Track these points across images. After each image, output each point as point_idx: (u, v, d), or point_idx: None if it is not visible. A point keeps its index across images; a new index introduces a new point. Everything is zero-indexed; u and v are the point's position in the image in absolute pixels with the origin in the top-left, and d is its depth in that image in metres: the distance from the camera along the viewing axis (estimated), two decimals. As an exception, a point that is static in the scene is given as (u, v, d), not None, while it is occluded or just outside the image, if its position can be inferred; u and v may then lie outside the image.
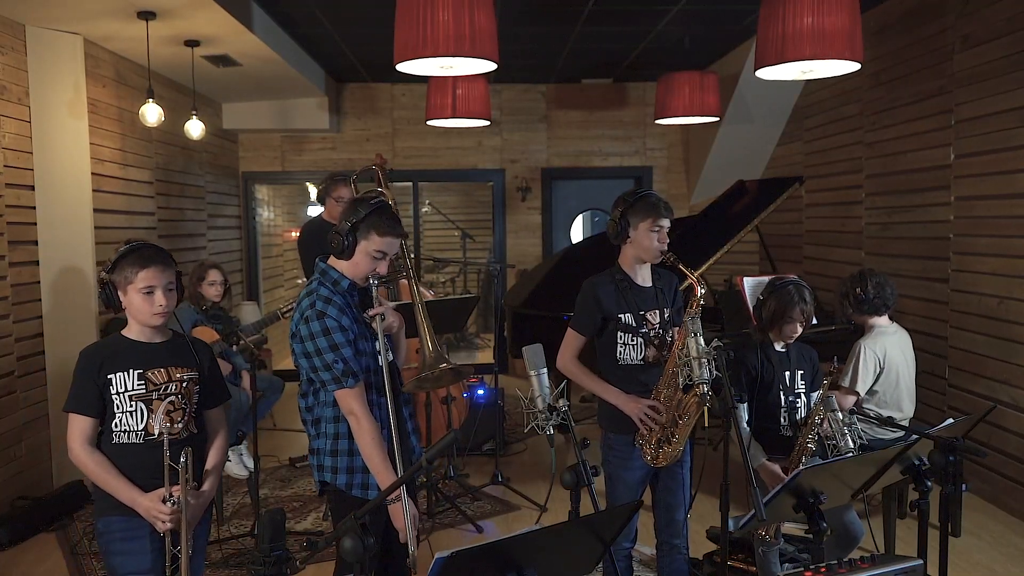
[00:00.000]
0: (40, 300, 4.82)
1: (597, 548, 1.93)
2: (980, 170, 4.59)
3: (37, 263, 4.82)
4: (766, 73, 3.90)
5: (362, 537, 1.75)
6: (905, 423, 3.86)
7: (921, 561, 1.95)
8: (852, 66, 3.77)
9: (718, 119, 6.35)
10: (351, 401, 2.42)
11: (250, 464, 4.83)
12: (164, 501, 2.31)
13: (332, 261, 2.53)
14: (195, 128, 5.83)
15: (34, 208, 4.80)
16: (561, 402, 2.42)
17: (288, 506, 4.70)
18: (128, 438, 2.36)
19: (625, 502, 2.82)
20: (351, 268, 2.50)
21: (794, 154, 7.13)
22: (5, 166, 4.50)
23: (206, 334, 4.79)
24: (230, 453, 5.11)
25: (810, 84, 6.70)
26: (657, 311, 2.93)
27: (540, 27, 6.07)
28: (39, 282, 4.82)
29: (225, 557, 3.97)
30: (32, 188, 4.78)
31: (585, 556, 1.92)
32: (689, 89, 5.96)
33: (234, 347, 4.67)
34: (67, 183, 4.91)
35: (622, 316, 2.89)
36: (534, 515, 4.53)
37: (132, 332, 2.43)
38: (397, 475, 2.41)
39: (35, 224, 4.80)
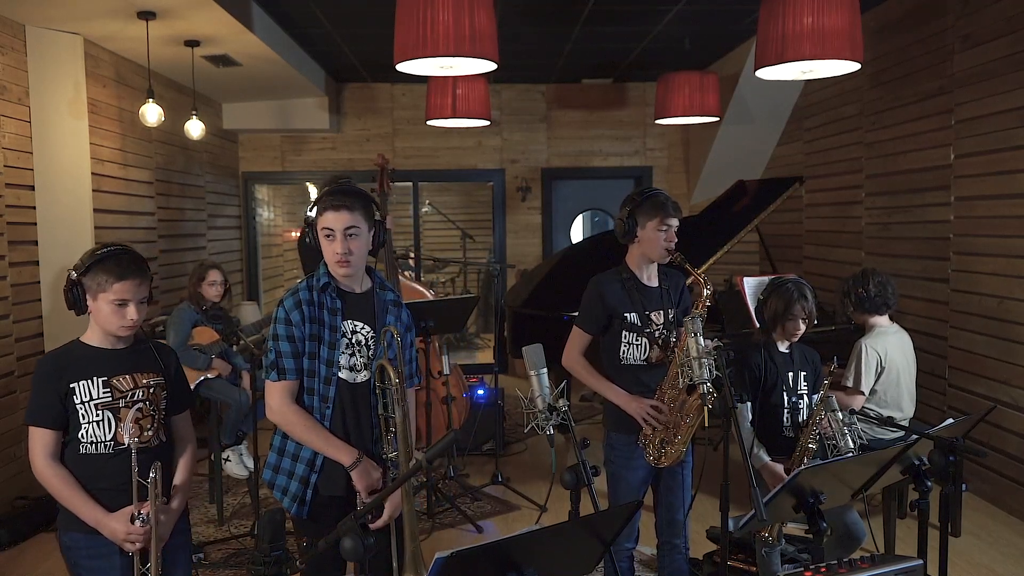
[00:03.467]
0: (40, 300, 4.82)
1: (597, 548, 1.92)
2: (980, 170, 4.59)
3: (37, 263, 4.82)
4: (766, 73, 3.90)
5: (362, 537, 1.75)
6: (905, 423, 3.86)
7: (921, 561, 1.96)
8: (852, 66, 3.77)
9: (718, 119, 6.35)
10: (270, 394, 2.42)
11: (250, 464, 4.83)
12: (133, 520, 2.18)
13: None
14: (195, 128, 5.83)
15: (34, 208, 4.80)
16: (561, 402, 2.42)
17: (288, 506, 4.70)
18: (96, 449, 2.23)
19: (627, 502, 2.82)
20: (327, 261, 2.45)
21: (794, 154, 7.13)
22: (5, 166, 4.50)
23: (206, 334, 4.79)
24: (230, 453, 5.11)
25: (810, 84, 6.69)
26: (662, 311, 2.93)
27: (540, 27, 6.06)
28: (39, 282, 4.82)
29: (225, 557, 3.97)
30: (32, 188, 4.78)
31: (585, 556, 1.92)
32: (689, 89, 5.96)
33: (234, 347, 4.67)
34: (67, 183, 4.91)
35: (627, 315, 2.88)
36: (534, 515, 4.53)
37: (93, 338, 2.30)
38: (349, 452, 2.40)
39: (35, 224, 4.80)
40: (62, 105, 4.88)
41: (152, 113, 4.99)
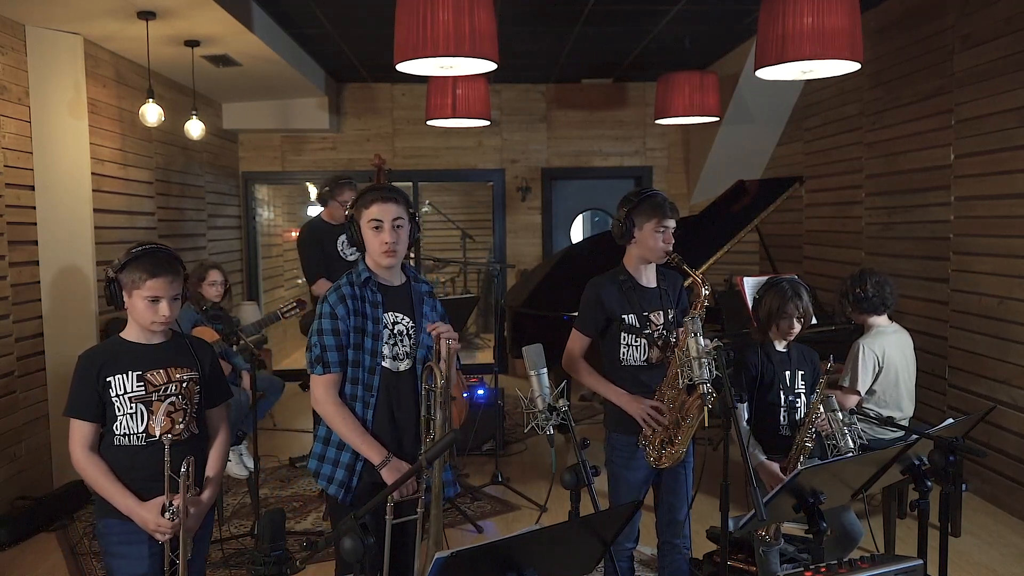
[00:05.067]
0: (40, 300, 4.82)
1: (597, 548, 1.92)
2: (980, 170, 4.59)
3: (37, 263, 4.82)
4: (766, 73, 3.90)
5: (362, 537, 1.75)
6: (905, 423, 3.86)
7: (921, 561, 1.95)
8: (852, 66, 3.77)
9: (718, 119, 6.35)
10: (315, 388, 2.52)
11: (250, 464, 4.84)
12: (163, 512, 2.29)
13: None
14: (195, 128, 5.83)
15: (34, 208, 4.79)
16: (561, 402, 2.42)
17: (288, 506, 4.70)
18: (130, 440, 2.35)
19: (627, 502, 2.82)
20: (369, 257, 2.56)
21: (794, 154, 7.13)
22: (5, 166, 4.50)
23: (206, 334, 4.78)
24: (230, 453, 5.11)
25: (810, 84, 6.69)
26: (661, 312, 2.93)
27: (540, 27, 6.06)
28: (39, 282, 4.82)
29: (225, 557, 3.97)
30: (32, 188, 4.78)
31: (585, 556, 1.92)
32: (689, 89, 5.96)
33: (234, 347, 4.67)
34: (67, 183, 4.91)
35: (625, 317, 2.88)
36: (534, 515, 4.53)
37: (131, 334, 2.42)
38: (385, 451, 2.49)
39: (35, 224, 4.80)
40: (62, 105, 4.88)
41: (152, 113, 4.99)
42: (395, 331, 2.54)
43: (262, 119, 7.84)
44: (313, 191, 9.14)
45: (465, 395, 5.42)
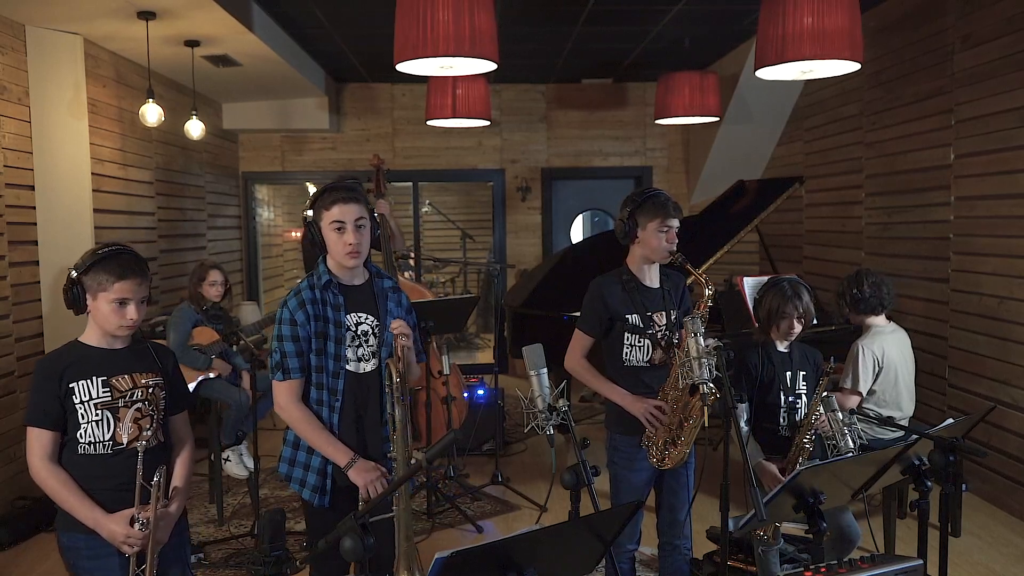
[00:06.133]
0: (40, 300, 4.82)
1: (597, 548, 1.92)
2: (980, 170, 4.59)
3: (37, 263, 4.82)
4: (766, 73, 3.90)
5: (362, 537, 1.75)
6: (905, 423, 3.86)
7: (921, 561, 1.95)
8: (852, 66, 3.77)
9: (718, 119, 6.35)
10: (277, 394, 2.50)
11: (250, 464, 4.83)
12: (132, 523, 2.18)
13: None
14: (195, 128, 5.83)
15: (34, 208, 4.79)
16: (561, 402, 2.42)
17: (288, 506, 4.70)
18: (95, 449, 2.24)
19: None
20: (331, 259, 2.52)
21: (794, 154, 7.13)
22: (5, 166, 4.50)
23: (206, 334, 4.79)
24: (230, 453, 5.11)
25: (810, 84, 6.69)
26: (664, 312, 2.92)
27: (540, 27, 6.06)
28: (39, 282, 4.82)
29: (225, 557, 3.97)
30: (32, 188, 4.78)
31: (585, 556, 1.92)
32: (689, 89, 5.96)
33: (234, 347, 4.67)
34: (67, 183, 4.91)
35: (629, 317, 2.88)
36: (534, 515, 4.53)
37: (92, 338, 2.31)
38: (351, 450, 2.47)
39: (35, 224, 4.80)
40: (62, 105, 4.88)
41: (152, 113, 4.99)
42: (359, 332, 2.50)
43: (262, 119, 7.84)
44: (313, 191, 9.13)
45: (465, 395, 5.42)
